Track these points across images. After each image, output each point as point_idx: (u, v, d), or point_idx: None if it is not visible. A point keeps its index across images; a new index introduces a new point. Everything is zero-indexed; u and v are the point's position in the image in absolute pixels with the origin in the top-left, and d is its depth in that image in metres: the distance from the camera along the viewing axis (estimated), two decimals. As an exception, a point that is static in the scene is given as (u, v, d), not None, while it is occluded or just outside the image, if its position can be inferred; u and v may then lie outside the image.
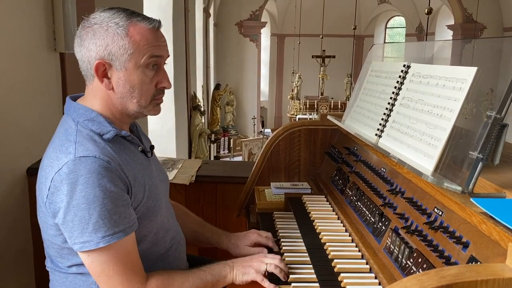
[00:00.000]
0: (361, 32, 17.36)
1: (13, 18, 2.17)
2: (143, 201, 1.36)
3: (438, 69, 1.42)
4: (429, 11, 6.16)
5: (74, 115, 1.35)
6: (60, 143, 1.28)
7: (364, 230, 1.60)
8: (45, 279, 2.38)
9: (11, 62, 2.16)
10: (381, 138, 1.63)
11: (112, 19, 1.30)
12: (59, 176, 1.22)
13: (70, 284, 1.38)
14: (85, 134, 1.29)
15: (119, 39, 1.29)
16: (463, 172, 1.13)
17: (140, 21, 1.32)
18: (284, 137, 2.30)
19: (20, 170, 2.26)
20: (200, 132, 9.22)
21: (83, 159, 1.22)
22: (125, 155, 1.34)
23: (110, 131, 1.32)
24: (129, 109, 1.37)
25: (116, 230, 1.23)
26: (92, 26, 1.31)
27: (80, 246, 1.24)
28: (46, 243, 1.40)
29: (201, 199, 2.54)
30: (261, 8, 15.39)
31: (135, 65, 1.31)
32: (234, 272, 1.44)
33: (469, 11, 13.28)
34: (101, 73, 1.32)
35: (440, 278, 0.77)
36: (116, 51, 1.29)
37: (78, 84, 2.86)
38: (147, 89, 1.35)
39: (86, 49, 1.32)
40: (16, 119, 2.21)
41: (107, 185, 1.22)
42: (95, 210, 1.20)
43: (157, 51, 1.33)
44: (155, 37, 1.33)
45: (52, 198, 1.24)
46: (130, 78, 1.32)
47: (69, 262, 1.35)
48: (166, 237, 1.48)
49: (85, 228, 1.21)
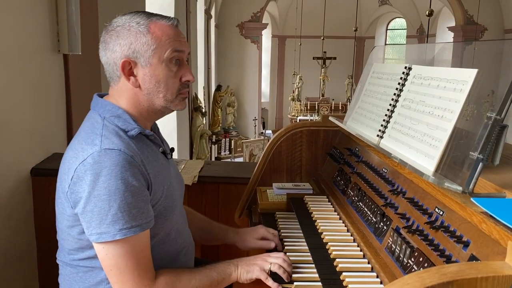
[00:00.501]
0: (362, 33, 17.38)
1: (17, 19, 2.18)
2: (161, 200, 1.39)
3: (439, 71, 1.44)
4: (430, 13, 6.18)
5: (101, 110, 1.39)
6: (86, 136, 1.32)
7: (366, 230, 1.62)
8: (49, 277, 2.40)
9: (15, 63, 2.17)
10: (383, 139, 1.64)
11: (133, 19, 1.36)
12: (83, 166, 1.25)
13: (80, 280, 1.40)
14: (111, 129, 1.33)
15: (142, 36, 1.34)
16: (464, 172, 1.15)
17: (160, 19, 1.38)
18: (286, 138, 2.32)
19: (24, 170, 2.28)
20: (201, 133, 9.24)
21: (109, 151, 1.25)
22: (147, 153, 1.38)
23: (135, 128, 1.36)
24: (156, 105, 1.41)
25: (133, 224, 1.26)
26: (115, 28, 1.37)
27: (96, 237, 1.26)
28: (62, 234, 1.42)
29: (204, 200, 2.55)
30: (262, 9, 15.42)
31: (159, 60, 1.36)
32: (238, 270, 1.46)
33: (470, 13, 13.29)
34: (127, 71, 1.36)
35: (441, 275, 0.79)
36: (140, 48, 1.34)
37: (81, 86, 2.89)
38: (172, 83, 1.39)
39: (111, 51, 1.36)
40: (20, 120, 2.22)
41: (129, 179, 1.25)
42: (115, 202, 1.23)
43: (179, 46, 1.38)
44: (176, 33, 1.39)
45: (74, 187, 1.27)
46: (155, 73, 1.37)
47: (82, 255, 1.37)
48: (178, 239, 1.51)
49: (104, 219, 1.24)
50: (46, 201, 2.33)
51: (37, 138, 2.40)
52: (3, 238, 2.08)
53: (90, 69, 3.11)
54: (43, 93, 2.45)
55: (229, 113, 14.54)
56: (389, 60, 2.17)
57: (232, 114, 14.65)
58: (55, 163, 2.49)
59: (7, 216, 2.11)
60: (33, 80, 2.35)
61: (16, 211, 2.20)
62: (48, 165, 2.40)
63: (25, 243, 2.30)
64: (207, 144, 10.04)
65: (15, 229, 2.19)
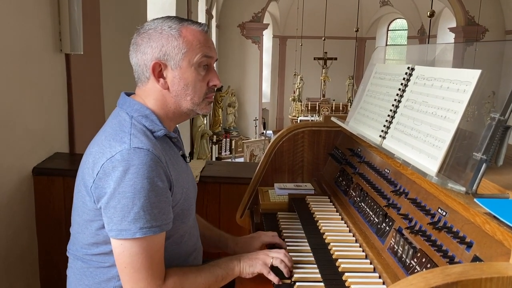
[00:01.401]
0: (363, 34, 17.37)
1: (19, 19, 2.19)
2: (180, 202, 1.41)
3: (442, 72, 1.44)
4: (431, 13, 6.16)
5: (129, 109, 1.41)
6: (114, 133, 1.33)
7: (368, 231, 1.62)
8: (50, 276, 2.40)
9: (17, 63, 2.18)
10: (385, 140, 1.64)
11: (165, 23, 1.39)
12: (110, 163, 1.26)
13: (90, 275, 1.41)
14: (139, 128, 1.35)
15: (173, 39, 1.37)
16: (467, 173, 1.15)
17: (191, 24, 1.42)
18: (288, 138, 2.32)
19: (26, 169, 2.28)
20: (202, 134, 9.25)
21: (138, 150, 1.27)
22: (170, 155, 1.40)
23: (161, 129, 1.39)
24: (182, 107, 1.43)
25: (154, 224, 1.27)
26: (147, 31, 1.40)
27: (116, 233, 1.27)
28: (78, 227, 1.42)
29: (205, 200, 2.55)
30: (263, 10, 15.40)
31: (188, 64, 1.38)
32: (241, 265, 1.49)
33: (471, 14, 13.28)
34: (157, 73, 1.39)
35: (446, 276, 0.79)
36: (170, 51, 1.37)
37: (83, 85, 2.89)
38: (200, 87, 1.42)
39: (142, 53, 1.39)
40: (22, 120, 2.23)
41: (155, 179, 1.27)
42: (139, 200, 1.25)
43: (208, 52, 1.42)
44: (206, 39, 1.42)
45: (100, 183, 1.28)
46: (184, 76, 1.39)
47: (96, 250, 1.38)
48: (189, 242, 1.53)
49: (126, 216, 1.25)
50: (47, 200, 2.33)
51: (38, 138, 2.40)
52: (5, 237, 2.08)
53: (92, 69, 3.12)
54: (45, 93, 2.45)
55: (229, 113, 14.53)
56: (390, 60, 2.16)
57: (233, 114, 14.64)
58: (57, 163, 2.50)
59: (8, 215, 2.12)
60: (35, 79, 2.35)
61: (17, 210, 2.20)
62: (50, 164, 2.41)
63: (27, 242, 2.30)
64: (208, 144, 10.04)
65: (16, 228, 2.19)
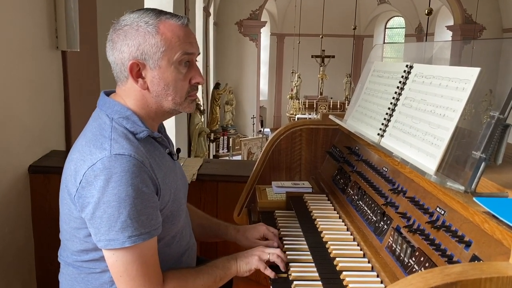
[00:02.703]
0: (360, 32, 17.35)
1: (15, 16, 2.17)
2: (169, 204, 1.37)
3: (440, 70, 1.43)
4: (429, 11, 6.16)
5: (109, 111, 1.35)
6: (94, 138, 1.29)
7: (366, 229, 1.61)
8: (46, 275, 2.39)
9: (13, 60, 2.16)
10: (384, 138, 1.63)
11: (141, 18, 1.31)
12: (92, 172, 1.22)
13: (82, 281, 1.39)
14: (120, 132, 1.30)
15: (150, 37, 1.30)
16: (466, 171, 1.14)
17: (169, 18, 1.33)
18: (286, 137, 2.31)
19: (22, 167, 2.27)
20: (199, 131, 9.23)
21: (119, 156, 1.22)
22: (155, 156, 1.36)
23: (144, 131, 1.33)
24: (164, 107, 1.38)
25: (142, 231, 1.24)
26: (122, 28, 1.32)
27: (105, 243, 1.24)
28: (66, 234, 1.39)
29: (202, 198, 2.54)
30: (261, 7, 15.38)
31: (168, 63, 1.32)
32: (238, 263, 1.49)
33: (468, 12, 13.29)
34: (135, 73, 1.33)
35: (445, 276, 0.78)
36: (148, 50, 1.30)
37: (80, 82, 2.87)
38: (182, 86, 1.36)
39: (119, 51, 1.32)
40: (18, 117, 2.21)
41: (140, 185, 1.23)
42: (125, 209, 1.21)
43: (189, 48, 1.35)
44: (186, 34, 1.34)
45: (83, 192, 1.24)
46: (164, 76, 1.33)
47: (86, 257, 1.35)
48: (182, 241, 1.50)
49: (113, 226, 1.22)
50: (43, 199, 2.32)
51: (35, 135, 2.38)
52: (1, 236, 2.07)
53: (89, 66, 3.10)
54: (41, 90, 2.44)
55: (227, 111, 14.52)
56: (387, 58, 2.15)
57: (231, 112, 14.62)
58: (53, 161, 2.49)
59: (4, 214, 2.10)
60: (31, 77, 2.33)
61: (13, 208, 2.18)
62: (46, 162, 2.39)
63: (23, 240, 2.29)
64: (205, 142, 10.02)
65: (12, 226, 2.17)
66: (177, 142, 7.27)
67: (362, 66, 2.10)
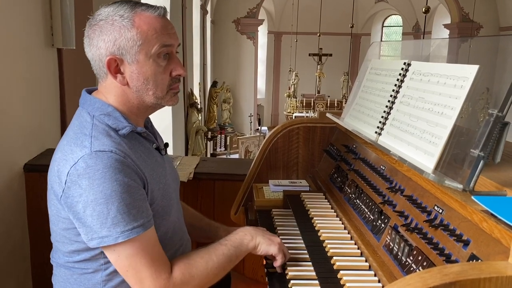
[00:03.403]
0: (358, 30, 17.36)
1: (10, 13, 2.15)
2: (158, 199, 1.35)
3: (439, 67, 1.42)
4: (426, 9, 6.16)
5: (90, 108, 1.33)
6: (75, 136, 1.27)
7: (363, 228, 1.60)
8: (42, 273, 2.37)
9: (8, 58, 2.14)
10: (381, 136, 1.63)
11: (116, 12, 1.29)
12: (75, 171, 1.20)
13: (74, 282, 1.37)
14: (101, 129, 1.28)
15: (126, 31, 1.27)
16: (464, 170, 1.13)
17: (145, 10, 1.30)
18: (283, 135, 2.30)
19: (17, 166, 2.25)
20: (197, 130, 9.22)
21: (100, 153, 1.21)
22: (140, 152, 1.33)
23: (126, 126, 1.31)
24: (146, 102, 1.36)
25: (135, 225, 1.22)
26: (98, 23, 1.30)
27: (98, 241, 1.22)
28: (57, 236, 1.37)
29: (199, 197, 2.53)
30: (258, 5, 15.35)
31: (146, 56, 1.29)
32: (257, 240, 1.45)
33: (465, 11, 13.30)
34: (113, 69, 1.31)
35: (443, 275, 0.77)
36: (125, 45, 1.28)
37: (76, 80, 2.85)
38: (162, 79, 1.33)
39: (96, 47, 1.31)
40: (13, 115, 2.19)
41: (125, 179, 1.21)
42: (113, 204, 1.19)
43: (167, 40, 1.31)
44: (163, 25, 1.31)
45: (69, 192, 1.23)
46: (142, 70, 1.30)
47: (78, 257, 1.33)
48: (174, 237, 1.47)
49: (104, 223, 1.20)
50: (39, 197, 2.30)
51: (30, 134, 2.36)
52: (-4, 235, 2.06)
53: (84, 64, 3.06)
54: (36, 88, 2.42)
55: (224, 110, 14.50)
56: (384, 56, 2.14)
57: (228, 110, 14.61)
58: (49, 159, 2.44)
59: (0, 212, 2.09)
60: (27, 74, 2.32)
61: (8, 207, 2.17)
62: (42, 160, 2.37)
63: (18, 239, 2.27)
64: (203, 141, 10.00)
65: (8, 225, 2.16)
66: (174, 140, 7.26)
67: (359, 64, 2.09)
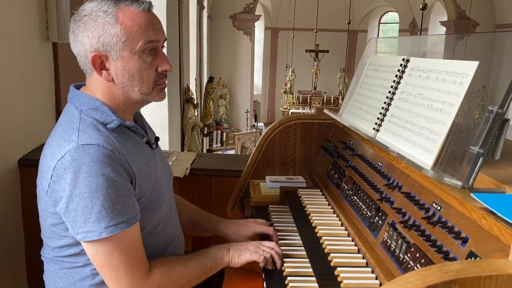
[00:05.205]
0: (355, 27, 17.32)
1: (4, 7, 2.12)
2: (147, 193, 1.34)
3: (438, 63, 1.41)
4: (423, 6, 6.15)
5: (78, 103, 1.32)
6: (63, 131, 1.26)
7: (360, 225, 1.60)
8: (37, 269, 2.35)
9: (3, 52, 2.11)
10: (379, 132, 1.62)
11: (100, 7, 1.27)
12: (61, 164, 1.20)
13: (64, 276, 1.36)
14: (89, 123, 1.27)
15: (110, 27, 1.25)
16: (463, 167, 1.13)
17: (129, 4, 1.28)
18: (280, 131, 2.29)
19: (11, 161, 2.23)
20: (193, 125, 9.17)
21: (86, 147, 1.20)
22: (129, 146, 1.32)
23: (114, 120, 1.30)
24: (132, 98, 1.35)
25: (119, 221, 1.22)
26: (82, 19, 1.28)
27: (83, 236, 1.22)
28: (46, 232, 1.37)
29: (196, 192, 2.52)
30: (255, 1, 15.27)
31: (130, 52, 1.28)
32: (230, 254, 1.46)
33: (462, 8, 13.31)
34: (98, 65, 1.29)
35: (443, 273, 0.76)
36: (109, 41, 1.26)
37: (71, 74, 2.82)
38: (147, 75, 1.32)
39: (80, 44, 1.29)
40: (8, 110, 2.17)
41: (111, 174, 1.20)
42: (98, 199, 1.19)
43: (152, 36, 1.30)
44: (148, 20, 1.29)
45: (54, 186, 1.22)
46: (127, 67, 1.29)
47: (67, 252, 1.33)
48: (166, 231, 1.47)
49: (88, 218, 1.19)
50: (34, 193, 2.26)
51: (25, 128, 2.34)
52: (-10, 230, 2.04)
53: (80, 58, 3.04)
54: (31, 82, 2.39)
55: (221, 105, 14.45)
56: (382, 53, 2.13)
57: (224, 106, 14.56)
58: (44, 154, 2.45)
59: (-7, 208, 2.07)
60: (21, 69, 2.29)
61: (3, 202, 2.15)
62: (36, 155, 2.33)
63: (13, 235, 2.25)
64: (199, 136, 9.97)
65: (2, 221, 2.14)
66: (170, 136, 7.22)
67: (356, 61, 2.09)
